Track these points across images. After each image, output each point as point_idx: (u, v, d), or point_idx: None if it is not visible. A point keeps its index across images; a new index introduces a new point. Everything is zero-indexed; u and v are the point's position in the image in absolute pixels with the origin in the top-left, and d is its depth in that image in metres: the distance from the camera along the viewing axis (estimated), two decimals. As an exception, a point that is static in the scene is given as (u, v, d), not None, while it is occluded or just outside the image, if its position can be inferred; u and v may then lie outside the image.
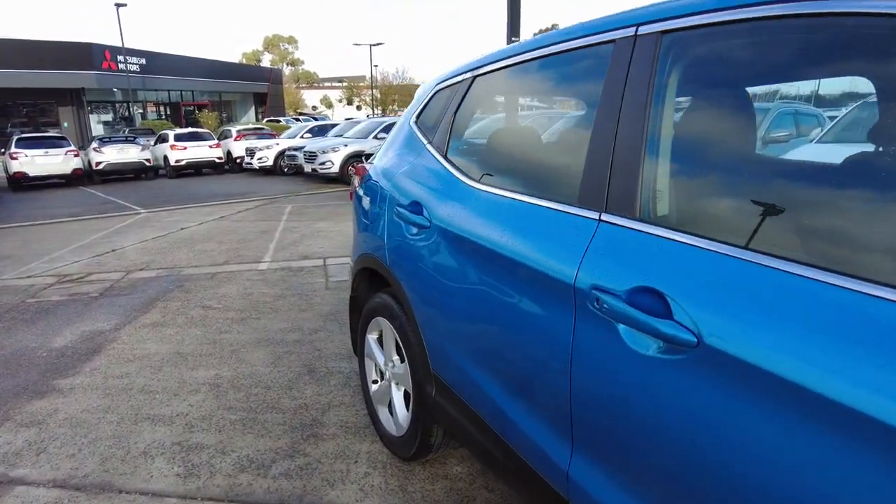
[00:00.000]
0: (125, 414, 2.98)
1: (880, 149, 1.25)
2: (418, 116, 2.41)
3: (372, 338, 2.62)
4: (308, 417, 2.89)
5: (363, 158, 10.61)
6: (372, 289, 2.69)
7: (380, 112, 51.93)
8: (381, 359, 2.55)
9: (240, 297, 5.02)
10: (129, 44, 30.26)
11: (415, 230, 2.04)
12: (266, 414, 2.94)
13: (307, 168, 14.94)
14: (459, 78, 2.15)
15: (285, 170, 17.48)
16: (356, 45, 57.58)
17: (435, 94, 2.33)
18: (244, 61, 61.14)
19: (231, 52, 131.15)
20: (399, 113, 52.72)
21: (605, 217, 1.31)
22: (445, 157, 2.08)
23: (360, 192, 2.64)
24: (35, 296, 5.31)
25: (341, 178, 14.18)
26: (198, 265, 6.26)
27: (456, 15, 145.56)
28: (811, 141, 3.44)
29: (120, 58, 29.66)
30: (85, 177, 17.18)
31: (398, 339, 2.30)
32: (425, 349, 2.05)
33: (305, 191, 13.32)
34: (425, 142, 2.24)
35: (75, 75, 28.57)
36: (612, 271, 1.22)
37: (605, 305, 1.20)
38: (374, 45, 43.50)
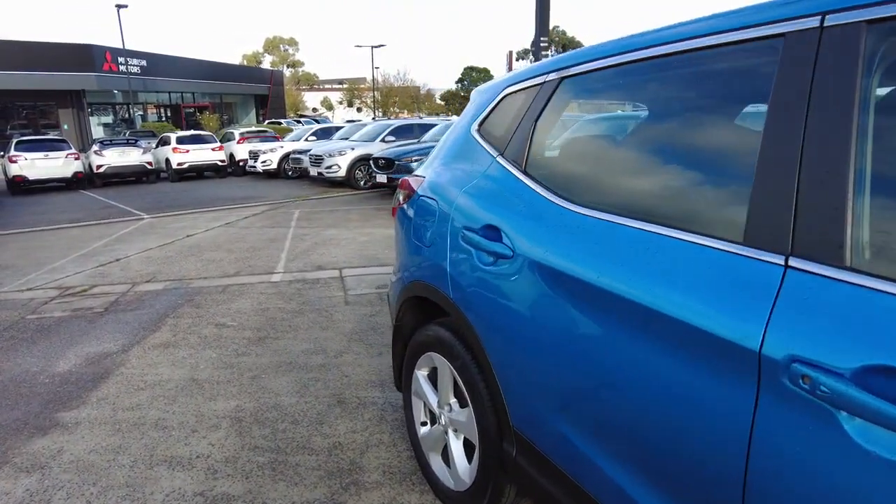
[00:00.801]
0: (139, 455, 2.66)
1: None
2: (481, 124, 2.10)
3: (422, 374, 2.31)
4: (345, 460, 2.57)
5: (371, 162, 10.31)
6: (421, 318, 2.38)
7: (381, 114, 51.66)
8: (432, 399, 2.23)
9: (255, 313, 4.70)
10: (130, 45, 30.00)
11: (490, 259, 1.72)
12: (297, 455, 2.62)
13: (313, 172, 14.65)
14: (539, 80, 1.84)
15: (289, 173, 17.20)
16: (358, 46, 57.42)
17: (503, 97, 2.02)
18: (244, 63, 60.86)
19: (231, 54, 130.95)
20: (400, 115, 52.50)
21: (794, 262, 0.99)
22: (525, 173, 1.77)
23: (408, 210, 2.33)
24: (36, 311, 4.99)
25: (348, 182, 13.90)
26: (207, 276, 5.94)
27: (456, 15, 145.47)
28: None
29: (120, 59, 29.37)
30: (86, 180, 16.87)
31: (459, 380, 1.99)
32: (503, 399, 1.73)
33: (312, 195, 13.02)
34: (494, 154, 1.93)
35: (76, 77, 28.27)
36: (828, 341, 0.90)
37: (822, 387, 0.88)
38: (375, 47, 43.25)
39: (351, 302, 4.94)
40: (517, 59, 59.21)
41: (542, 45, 5.34)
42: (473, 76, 69.79)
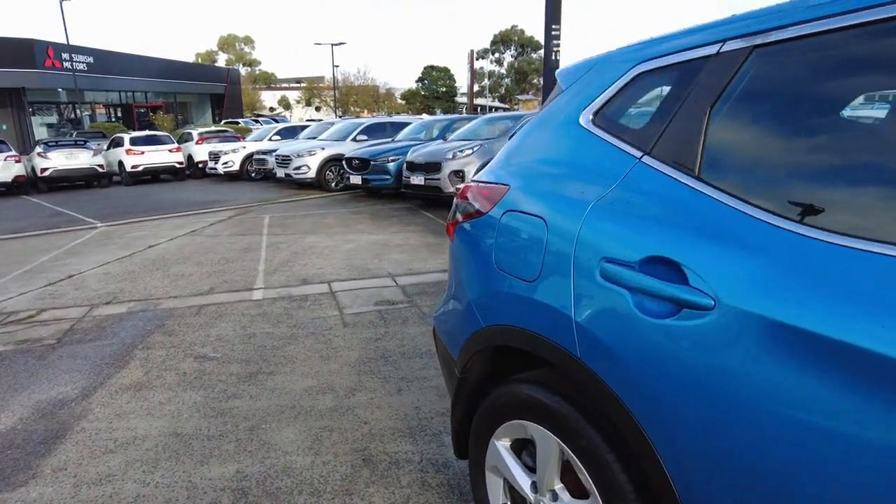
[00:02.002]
0: (114, 555, 2.02)
1: None
2: (597, 112, 1.54)
3: (503, 445, 1.74)
4: (391, 551, 1.99)
5: (343, 163, 9.67)
6: (496, 370, 1.82)
7: (341, 113, 50.60)
8: (521, 480, 1.67)
9: (240, 340, 4.04)
10: (75, 41, 28.30)
11: (666, 308, 1.18)
12: (327, 546, 2.03)
13: (280, 173, 13.88)
14: (707, 50, 1.30)
15: (253, 175, 16.35)
16: (317, 44, 56.08)
17: (636, 77, 1.48)
18: (199, 61, 58.75)
19: (184, 52, 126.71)
20: (362, 114, 51.54)
21: None
22: (702, 180, 1.23)
23: (481, 230, 1.76)
24: (-28, 344, 4.20)
25: (318, 184, 13.21)
26: (178, 295, 5.21)
27: (417, 14, 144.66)
28: None
29: (65, 55, 27.64)
30: (29, 185, 15.60)
31: (577, 464, 1.44)
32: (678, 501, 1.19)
33: (281, 198, 12.25)
34: (636, 153, 1.39)
35: (15, 74, 26.43)
36: None
37: None
38: (335, 45, 42.21)
39: (350, 323, 4.32)
40: (478, 59, 59.08)
41: (553, 33, 4.82)
42: (434, 75, 69.40)
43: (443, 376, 2.25)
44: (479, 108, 47.36)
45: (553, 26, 4.83)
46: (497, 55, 73.63)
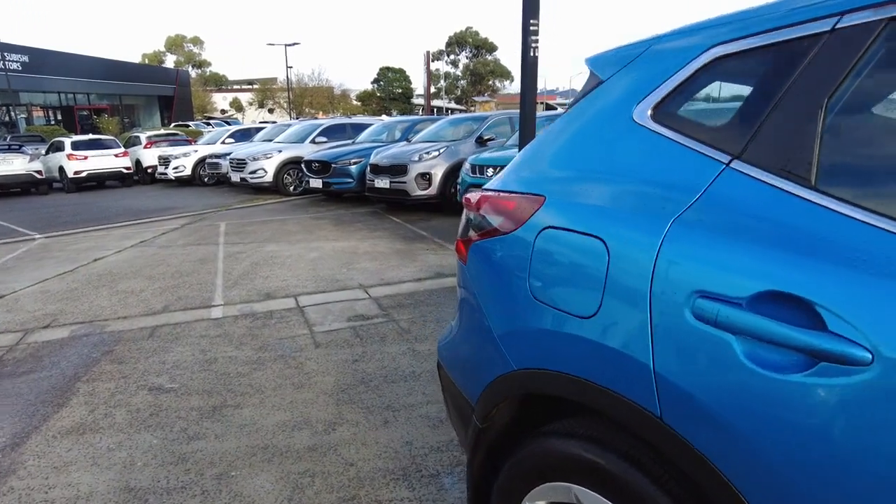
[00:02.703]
0: None
1: None
2: (657, 108, 1.25)
3: (539, 510, 1.44)
4: None
5: (302, 166, 9.26)
6: (523, 421, 1.51)
7: (295, 115, 49.53)
8: (567, 554, 1.37)
9: (199, 367, 3.61)
10: (8, 39, 26.67)
11: (789, 360, 0.90)
12: None
13: (234, 177, 13.27)
14: (815, 27, 1.02)
15: (206, 180, 15.65)
16: (270, 45, 54.49)
17: (709, 63, 1.19)
18: (146, 62, 56.54)
19: (130, 53, 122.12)
20: (317, 115, 50.55)
21: None
22: (821, 191, 0.95)
23: (499, 250, 1.45)
24: None
25: (276, 188, 12.68)
26: (127, 315, 4.71)
27: (372, 15, 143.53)
28: None
29: (-4, 54, 26.02)
30: (-42, 193, 14.48)
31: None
32: None
33: (236, 204, 11.67)
34: (721, 158, 1.10)
35: (-59, 74, 24.73)
36: None
37: None
38: (289, 45, 41.20)
39: (322, 343, 3.95)
40: (433, 60, 58.87)
41: (531, 28, 4.56)
42: (389, 76, 68.89)
43: (449, 418, 1.93)
44: (435, 110, 47.17)
45: (531, 21, 4.57)
46: (452, 57, 73.68)
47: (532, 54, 4.69)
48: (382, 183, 9.61)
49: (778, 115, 1.06)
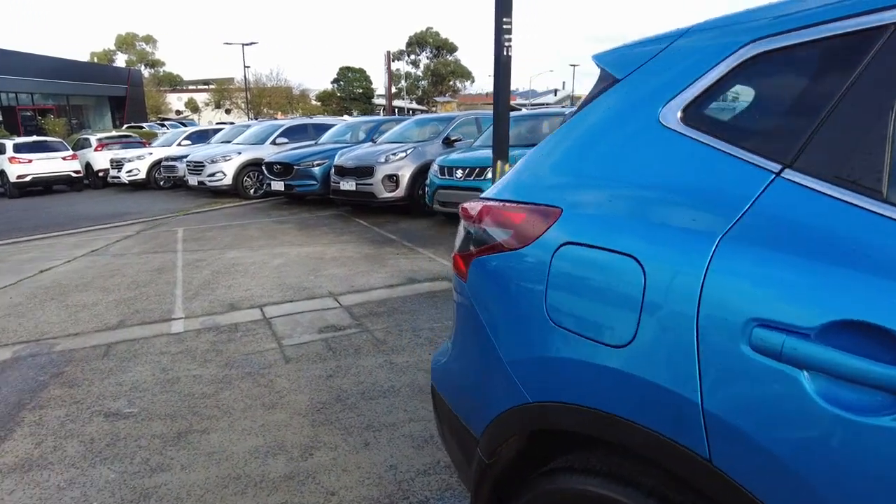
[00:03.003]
0: None
1: None
2: (687, 110, 1.12)
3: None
4: None
5: (263, 168, 8.96)
6: (529, 454, 1.37)
7: (253, 115, 48.47)
8: None
9: (161, 387, 3.35)
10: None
11: (874, 400, 0.77)
12: None
13: (192, 181, 12.81)
14: (877, 19, 0.90)
15: (162, 183, 15.08)
16: (227, 44, 53.14)
17: (749, 60, 1.06)
18: (95, 61, 54.39)
19: (78, 51, 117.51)
20: (277, 116, 49.58)
21: None
22: (891, 203, 0.83)
23: (507, 267, 1.30)
24: None
25: (236, 191, 12.28)
26: (79, 332, 4.38)
27: (332, 14, 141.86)
28: None
29: (-70, 52, 24.53)
30: None
31: None
32: None
33: (195, 208, 11.23)
34: (771, 167, 0.97)
35: None
36: None
37: None
38: (246, 45, 40.29)
39: (292, 358, 3.73)
40: (393, 60, 58.51)
41: (505, 26, 4.45)
42: (349, 76, 68.28)
43: (444, 445, 1.77)
44: (396, 110, 46.87)
45: (504, 19, 4.45)
46: (413, 57, 73.49)
47: (505, 53, 4.57)
48: (348, 185, 9.37)
49: (837, 118, 0.93)
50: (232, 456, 2.61)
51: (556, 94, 65.85)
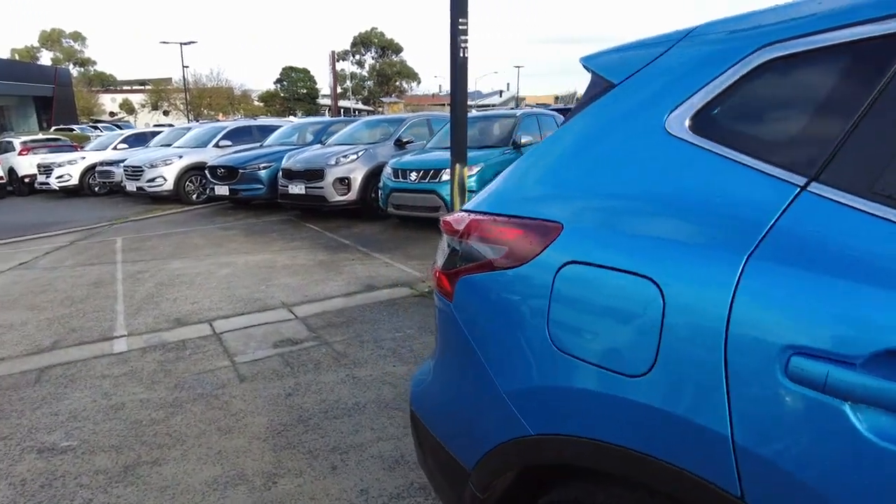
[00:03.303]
0: None
1: None
2: (696, 118, 1.04)
3: None
4: None
5: (206, 172, 8.58)
6: (532, 493, 1.26)
7: (193, 117, 46.76)
8: None
9: (103, 415, 3.08)
10: None
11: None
12: None
13: (130, 186, 12.19)
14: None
15: (96, 189, 14.28)
16: (164, 43, 50.78)
17: (760, 68, 0.99)
18: (16, 59, 51.23)
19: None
20: (218, 118, 48.01)
21: None
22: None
23: (501, 287, 1.20)
24: None
25: (177, 197, 11.74)
26: (5, 356, 4.01)
27: (274, 14, 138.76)
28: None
29: None
30: None
31: None
32: None
33: (133, 216, 10.66)
34: (795, 181, 0.89)
35: None
36: None
37: None
38: (184, 44, 38.79)
39: (247, 376, 3.52)
40: (338, 60, 57.72)
41: (461, 27, 4.36)
42: (293, 76, 66.98)
43: (426, 474, 1.65)
44: (342, 111, 46.24)
45: (460, 20, 4.36)
46: (358, 57, 72.75)
47: (462, 54, 4.48)
48: (297, 189, 9.08)
49: (867, 128, 0.87)
50: (188, 490, 2.40)
51: (501, 96, 66.59)
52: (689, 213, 0.99)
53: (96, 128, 28.21)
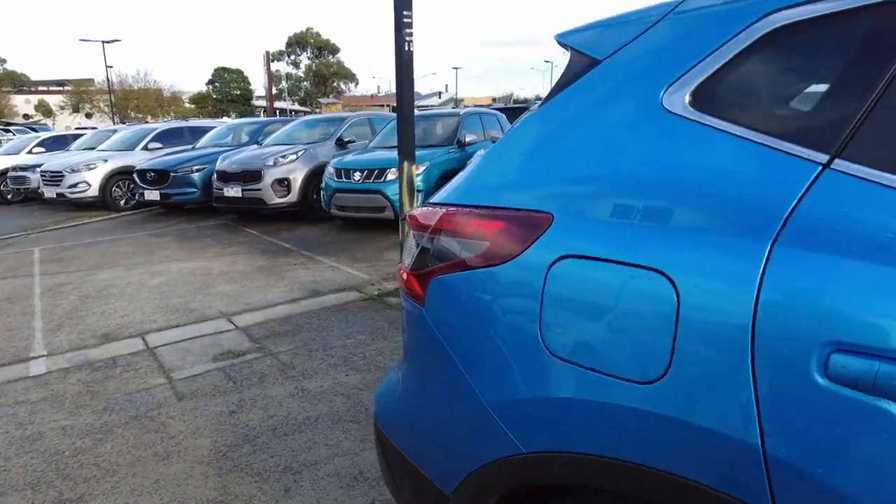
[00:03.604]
0: None
1: None
2: (696, 94, 0.93)
3: None
4: None
5: (135, 176, 8.10)
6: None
7: (118, 119, 44.44)
8: None
9: (17, 448, 2.74)
10: None
11: None
12: None
13: (48, 193, 11.35)
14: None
15: (10, 197, 13.24)
16: (84, 41, 47.95)
17: (767, 37, 0.89)
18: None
19: None
20: (147, 120, 45.81)
21: None
22: None
23: (483, 287, 1.06)
24: None
25: (103, 203, 11.02)
26: None
27: (206, 13, 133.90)
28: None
29: None
30: None
31: None
32: None
33: (53, 224, 9.90)
34: (817, 158, 0.79)
35: None
36: None
37: None
38: (107, 42, 36.77)
39: (186, 394, 3.24)
40: (273, 61, 56.29)
41: (405, 20, 4.22)
42: (226, 77, 64.89)
43: (395, 499, 1.49)
44: (278, 112, 45.09)
45: (405, 13, 4.21)
46: (293, 57, 71.17)
47: (407, 49, 4.32)
48: (233, 191, 8.67)
49: (892, 99, 0.78)
50: (119, 527, 2.14)
51: (440, 97, 66.72)
52: (697, 197, 0.88)
53: (8, 131, 26.28)
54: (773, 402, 0.76)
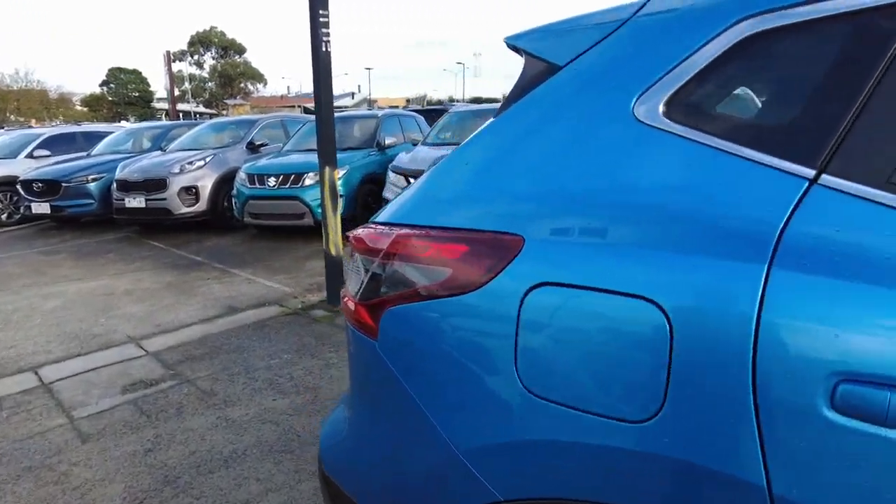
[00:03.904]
0: None
1: None
2: (670, 103, 0.87)
3: None
4: None
5: (19, 187, 7.38)
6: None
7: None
8: None
9: None
10: None
11: None
12: None
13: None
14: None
15: None
16: (-54, 38, 43.29)
17: (743, 43, 0.84)
18: None
19: None
20: (29, 123, 41.96)
21: None
22: None
23: (446, 319, 0.95)
24: None
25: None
26: None
27: (99, 10, 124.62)
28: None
29: None
30: None
31: None
32: None
33: (-80, 244, 8.77)
34: (804, 173, 0.74)
35: None
36: None
37: None
38: (-22, 39, 33.26)
39: (91, 434, 2.90)
40: (175, 61, 53.35)
41: (322, 19, 4.04)
42: (122, 78, 60.78)
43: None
44: (181, 114, 42.79)
45: (321, 11, 4.02)
46: (197, 57, 67.78)
47: (324, 49, 4.13)
48: (136, 202, 8.06)
49: (879, 108, 0.75)
50: None
51: (353, 98, 65.85)
52: (681, 215, 0.81)
53: None
54: (778, 439, 0.71)
